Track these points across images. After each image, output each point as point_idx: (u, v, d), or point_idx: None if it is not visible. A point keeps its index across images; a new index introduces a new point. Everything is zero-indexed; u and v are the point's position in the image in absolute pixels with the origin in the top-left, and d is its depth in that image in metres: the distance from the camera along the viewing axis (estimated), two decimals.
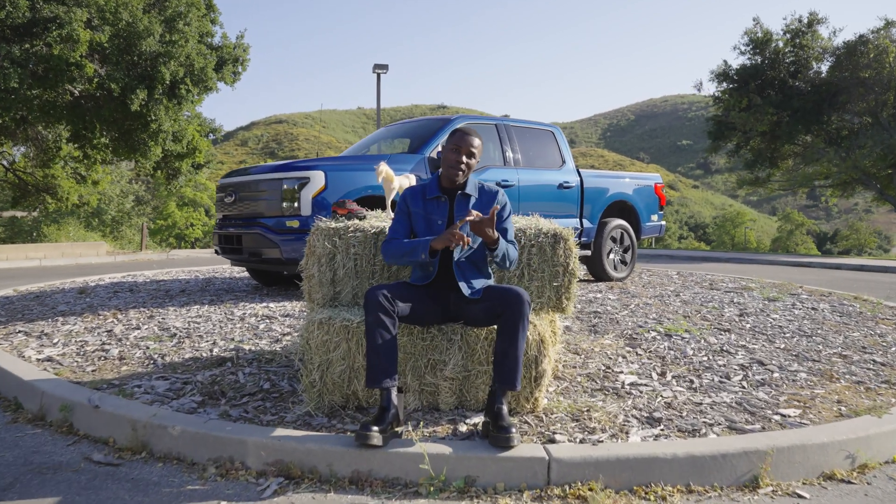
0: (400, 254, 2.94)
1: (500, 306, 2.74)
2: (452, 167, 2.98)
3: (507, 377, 2.71)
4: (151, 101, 15.18)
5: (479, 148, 3.01)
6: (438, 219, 3.03)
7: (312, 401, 3.01)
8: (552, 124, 7.74)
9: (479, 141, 3.01)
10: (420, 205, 3.07)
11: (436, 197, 3.06)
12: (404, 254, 2.92)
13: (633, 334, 4.64)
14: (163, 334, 4.50)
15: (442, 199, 3.06)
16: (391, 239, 3.03)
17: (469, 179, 3.09)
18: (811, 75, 23.28)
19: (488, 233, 2.77)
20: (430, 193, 3.07)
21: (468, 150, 2.97)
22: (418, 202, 3.07)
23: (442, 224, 3.02)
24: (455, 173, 2.98)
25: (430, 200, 3.07)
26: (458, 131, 3.01)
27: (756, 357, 4.14)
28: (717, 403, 3.26)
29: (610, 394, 3.35)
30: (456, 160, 2.96)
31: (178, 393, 3.25)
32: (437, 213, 3.04)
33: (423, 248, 2.84)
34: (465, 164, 2.97)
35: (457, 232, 2.73)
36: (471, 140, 2.98)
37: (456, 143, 2.97)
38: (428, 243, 2.83)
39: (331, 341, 2.99)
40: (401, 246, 2.94)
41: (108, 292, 6.67)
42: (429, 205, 3.07)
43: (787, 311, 5.79)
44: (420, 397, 3.02)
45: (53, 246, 17.48)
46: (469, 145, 2.97)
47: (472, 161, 3.00)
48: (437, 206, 3.06)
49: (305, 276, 3.30)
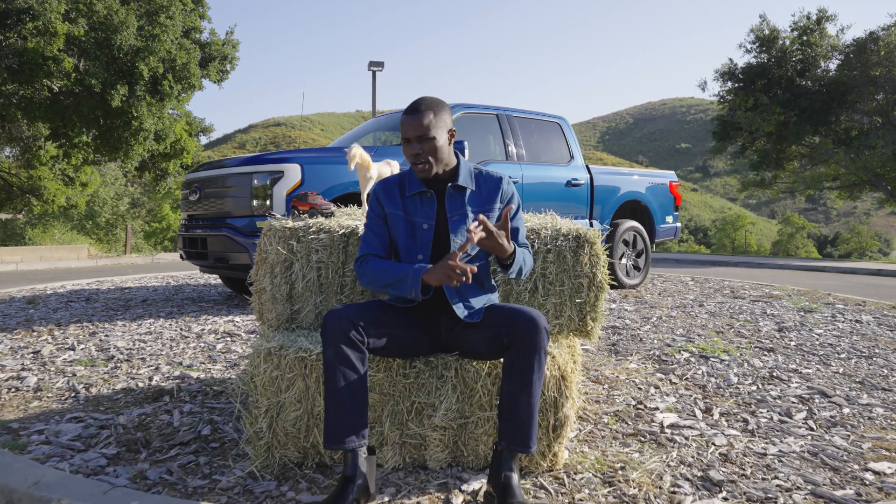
0: (380, 284, 2.17)
1: (509, 335, 1.98)
2: (415, 164, 2.18)
3: (518, 435, 1.96)
4: (133, 97, 14.43)
5: (433, 122, 2.14)
6: (423, 222, 2.23)
7: (258, 457, 2.27)
8: (559, 115, 7.00)
9: (430, 116, 2.14)
10: (398, 204, 2.27)
11: (418, 193, 2.26)
12: (385, 285, 2.15)
13: (662, 356, 3.90)
14: (98, 356, 3.75)
15: (427, 194, 2.25)
16: (366, 256, 2.25)
17: (461, 165, 2.27)
18: (819, 74, 22.55)
19: (503, 246, 2.04)
20: (410, 188, 2.26)
21: (418, 134, 2.13)
22: (395, 200, 2.27)
23: (428, 229, 2.22)
24: (421, 170, 2.18)
25: (410, 198, 2.27)
26: (404, 114, 2.18)
27: (814, 385, 3.40)
28: (785, 454, 2.52)
29: (648, 441, 2.60)
30: (411, 154, 2.17)
31: (89, 442, 2.51)
32: (422, 215, 2.24)
33: (411, 281, 2.08)
34: (423, 154, 2.15)
35: (457, 264, 1.96)
36: (416, 120, 2.13)
37: (404, 133, 2.17)
38: (419, 276, 2.07)
39: (282, 378, 2.24)
40: (380, 271, 2.16)
41: (60, 302, 5.92)
42: (410, 203, 2.26)
43: (830, 325, 5.05)
44: (401, 452, 2.28)
45: (31, 249, 16.67)
46: (416, 127, 2.12)
47: (433, 143, 2.14)
48: (420, 205, 2.25)
49: (255, 290, 2.56)
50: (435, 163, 2.18)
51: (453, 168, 2.27)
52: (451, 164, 2.27)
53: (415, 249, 2.22)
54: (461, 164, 2.28)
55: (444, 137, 2.18)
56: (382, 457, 2.26)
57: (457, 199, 2.26)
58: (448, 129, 2.21)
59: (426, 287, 2.09)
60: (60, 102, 15.03)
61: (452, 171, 2.27)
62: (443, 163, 2.21)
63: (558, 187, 6.58)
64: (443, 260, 2.02)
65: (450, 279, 1.98)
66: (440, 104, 2.20)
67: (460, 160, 2.29)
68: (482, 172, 2.34)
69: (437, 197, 2.27)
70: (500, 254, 2.07)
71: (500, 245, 2.04)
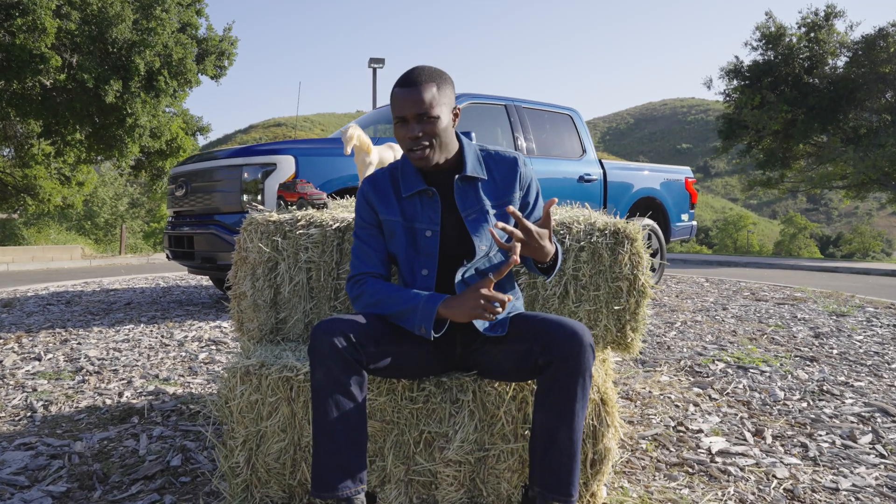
0: (381, 312, 1.72)
1: (545, 354, 1.57)
2: (411, 150, 1.71)
3: (556, 481, 1.56)
4: (127, 93, 14.05)
5: (435, 98, 1.68)
6: (426, 228, 1.78)
7: (234, 497, 1.87)
8: (570, 107, 6.61)
9: (432, 89, 1.68)
10: (393, 207, 1.81)
11: (417, 192, 1.81)
12: (389, 314, 1.71)
13: (695, 366, 3.51)
14: (66, 368, 3.35)
15: (428, 193, 1.80)
16: (361, 276, 1.82)
17: (466, 149, 1.81)
18: (827, 71, 22.14)
19: (543, 245, 1.64)
20: (407, 188, 1.80)
21: (417, 112, 1.67)
22: (390, 203, 1.82)
23: (432, 237, 1.78)
24: (420, 157, 1.71)
25: (407, 199, 1.82)
26: (395, 87, 1.71)
27: (871, 402, 3.00)
28: (861, 489, 2.13)
29: (697, 472, 2.21)
30: (408, 136, 1.69)
31: (36, 476, 2.11)
32: (424, 219, 1.79)
33: (422, 315, 1.64)
34: (423, 138, 1.69)
35: (493, 294, 1.57)
36: (414, 94, 1.66)
37: (396, 111, 1.70)
38: (432, 309, 1.63)
39: (263, 403, 1.85)
40: (380, 298, 1.72)
41: (38, 305, 5.52)
42: (407, 205, 1.81)
43: (869, 330, 4.66)
44: (407, 492, 1.88)
45: (23, 249, 16.28)
46: (414, 104, 1.66)
47: (435, 123, 1.68)
48: (420, 207, 1.80)
49: (233, 296, 2.16)
50: (437, 149, 1.72)
51: (456, 154, 1.81)
52: (454, 151, 1.80)
53: (418, 262, 1.79)
54: (465, 147, 1.82)
55: (448, 117, 1.73)
56: (384, 497, 1.87)
57: (469, 193, 1.80)
58: (452, 108, 1.75)
59: (440, 321, 1.67)
60: (52, 99, 14.65)
61: (456, 158, 1.81)
62: (446, 149, 1.75)
63: (570, 183, 6.18)
64: (471, 288, 1.60)
65: (483, 314, 1.57)
66: (442, 75, 1.73)
67: (463, 143, 1.83)
68: (490, 153, 1.87)
69: (439, 195, 1.81)
70: (542, 258, 1.67)
71: (542, 247, 1.64)
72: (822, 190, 24.88)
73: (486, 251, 1.77)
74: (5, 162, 20.57)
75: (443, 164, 1.78)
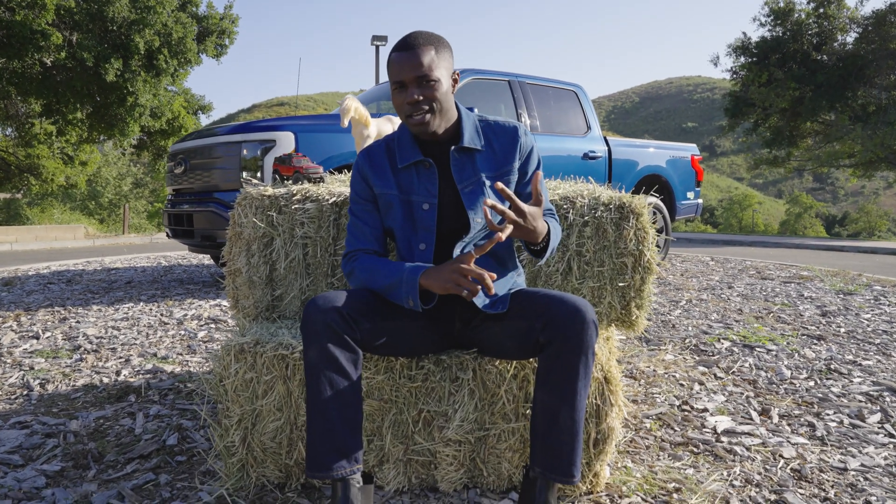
0: (373, 287, 1.69)
1: (546, 331, 1.52)
2: (409, 116, 1.65)
3: (558, 461, 1.52)
4: (128, 72, 13.93)
5: (434, 61, 1.63)
6: (423, 201, 1.73)
7: (230, 476, 1.84)
8: (575, 83, 6.50)
9: (431, 52, 1.62)
10: (389, 180, 1.76)
11: (414, 163, 1.75)
12: (379, 289, 1.67)
13: (700, 345, 3.46)
14: (64, 346, 3.32)
15: (425, 164, 1.74)
16: (355, 253, 1.78)
17: (464, 118, 1.76)
18: (836, 47, 21.82)
19: (536, 227, 1.56)
20: (403, 159, 1.74)
21: (416, 75, 1.61)
22: (385, 175, 1.76)
23: (430, 210, 1.72)
24: (419, 122, 1.64)
25: (404, 171, 1.76)
26: (392, 52, 1.65)
27: (880, 381, 2.95)
28: (869, 469, 2.08)
29: (702, 452, 2.17)
30: (406, 102, 1.63)
31: (30, 454, 2.08)
32: (421, 192, 1.73)
33: (406, 287, 1.60)
34: (423, 102, 1.63)
35: (472, 269, 1.50)
36: (413, 57, 1.61)
37: (394, 76, 1.64)
38: (415, 279, 1.59)
39: (258, 381, 1.81)
40: (371, 273, 1.68)
41: (38, 284, 5.49)
42: (404, 178, 1.75)
43: (876, 309, 4.60)
44: (406, 472, 1.84)
45: (27, 229, 16.28)
46: (413, 67, 1.61)
47: (435, 87, 1.62)
48: (417, 179, 1.74)
49: (228, 273, 2.11)
50: (437, 114, 1.66)
51: (455, 124, 1.75)
52: (453, 119, 1.73)
53: (415, 237, 1.74)
54: (463, 117, 1.76)
55: (448, 82, 1.67)
56: (383, 477, 1.83)
57: (466, 164, 1.74)
58: (451, 72, 1.70)
59: (427, 293, 1.63)
60: (53, 77, 14.54)
61: (454, 128, 1.74)
62: (445, 116, 1.69)
63: (575, 160, 6.10)
64: (452, 262, 1.54)
65: (459, 288, 1.51)
66: (440, 39, 1.67)
67: (462, 113, 1.77)
68: (490, 123, 1.80)
69: (436, 166, 1.75)
70: (533, 239, 1.60)
71: (533, 229, 1.56)
72: (829, 169, 24.66)
73: (482, 224, 1.71)
74: (8, 141, 20.52)
75: (441, 133, 1.71)
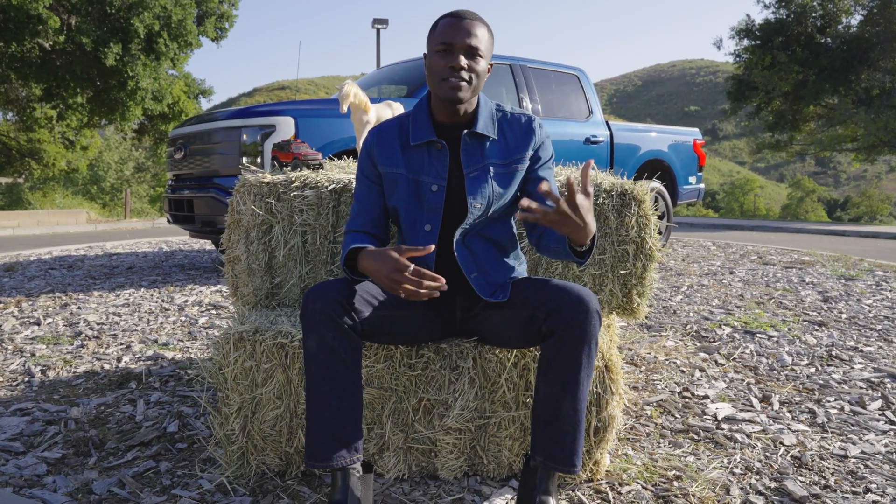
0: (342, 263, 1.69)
1: (549, 321, 1.50)
2: (446, 79, 1.60)
3: (559, 451, 1.51)
4: (127, 56, 13.84)
5: (486, 39, 1.64)
6: (432, 182, 1.69)
7: (230, 464, 1.84)
8: (577, 66, 6.45)
9: (485, 30, 1.64)
10: (397, 158, 1.72)
11: (426, 143, 1.71)
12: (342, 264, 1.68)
13: (701, 331, 3.46)
14: (65, 332, 3.32)
15: (437, 145, 1.70)
16: (346, 233, 1.78)
17: (481, 106, 1.73)
18: (840, 30, 21.64)
19: (588, 222, 1.41)
20: (416, 137, 1.71)
21: (467, 45, 1.59)
22: (393, 154, 1.72)
23: (438, 192, 1.68)
24: (454, 87, 1.59)
25: (415, 149, 1.72)
26: (444, 18, 1.64)
27: (881, 367, 2.95)
28: (870, 456, 2.08)
29: (703, 440, 2.17)
30: (448, 66, 1.59)
31: (31, 442, 2.08)
32: (431, 173, 1.70)
33: (343, 259, 1.64)
34: (466, 71, 1.60)
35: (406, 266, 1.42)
36: (469, 26, 1.60)
37: (443, 38, 1.60)
38: (351, 245, 1.61)
39: (258, 369, 1.80)
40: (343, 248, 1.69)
41: (40, 269, 5.49)
42: (414, 157, 1.71)
43: (878, 295, 4.59)
44: (406, 460, 1.84)
45: (29, 214, 16.26)
46: (467, 34, 1.59)
47: (480, 63, 1.62)
48: (428, 159, 1.70)
49: (227, 260, 2.10)
50: (472, 89, 1.63)
51: (473, 110, 1.73)
52: (473, 105, 1.72)
53: (421, 217, 1.71)
54: (481, 104, 1.74)
55: (486, 66, 1.66)
56: (383, 465, 1.83)
57: (475, 149, 1.71)
58: (489, 60, 1.69)
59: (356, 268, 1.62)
60: (52, 62, 14.46)
61: (472, 114, 1.73)
62: (475, 94, 1.68)
63: (576, 145, 6.06)
64: (393, 260, 1.45)
65: (393, 288, 1.45)
66: (489, 26, 1.68)
67: (480, 100, 1.75)
68: (506, 114, 1.78)
69: (448, 148, 1.72)
70: (581, 237, 1.45)
71: (585, 225, 1.41)
72: (832, 153, 24.54)
73: (481, 209, 1.69)
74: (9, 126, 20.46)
75: (461, 115, 1.70)
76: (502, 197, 1.72)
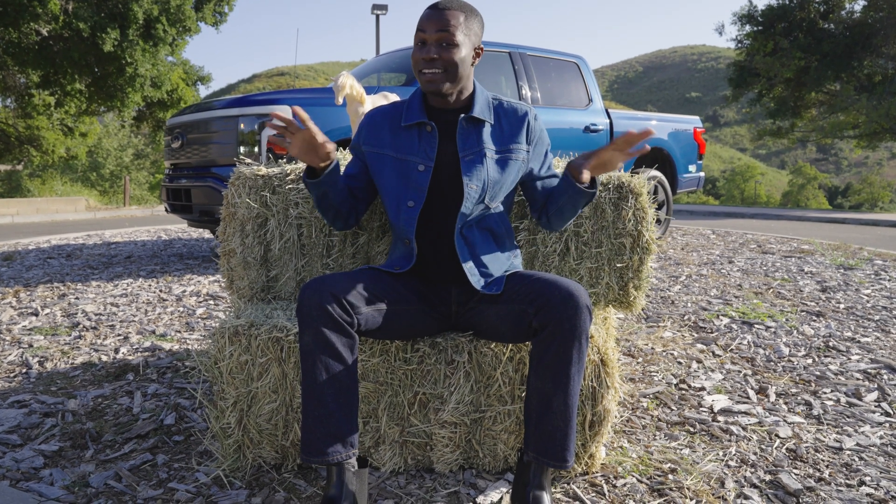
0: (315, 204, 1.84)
1: (539, 316, 1.51)
2: (422, 71, 1.66)
3: (551, 446, 1.52)
4: (125, 42, 13.76)
5: (461, 25, 1.64)
6: (419, 163, 1.73)
7: (227, 458, 1.85)
8: (577, 54, 6.41)
9: (460, 17, 1.64)
10: (384, 139, 1.78)
11: (416, 124, 1.76)
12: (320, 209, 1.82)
13: (699, 322, 3.46)
14: (63, 323, 3.32)
15: (427, 127, 1.75)
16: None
17: (477, 92, 1.77)
18: (843, 16, 21.50)
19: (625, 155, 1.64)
20: (408, 118, 1.76)
21: (440, 31, 1.62)
22: (380, 135, 1.78)
23: (425, 172, 1.72)
24: (430, 80, 1.65)
25: (406, 130, 1.77)
26: (426, 9, 1.70)
27: (878, 358, 2.95)
28: (865, 448, 2.09)
29: (698, 432, 2.17)
30: (422, 58, 1.65)
31: (28, 434, 2.09)
32: (419, 153, 1.74)
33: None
34: (440, 61, 1.63)
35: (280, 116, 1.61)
36: (440, 15, 1.63)
37: (419, 29, 1.66)
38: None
39: (253, 363, 1.80)
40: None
41: (38, 259, 5.49)
42: (403, 138, 1.76)
43: (877, 284, 4.59)
44: (402, 453, 1.85)
45: (28, 201, 16.25)
46: (438, 23, 1.62)
47: (454, 52, 1.63)
48: (417, 141, 1.75)
49: (223, 253, 2.10)
50: (450, 79, 1.66)
51: (468, 97, 1.77)
52: (467, 92, 1.77)
53: (405, 194, 1.74)
54: (477, 92, 1.78)
55: (469, 51, 1.68)
56: (379, 458, 1.84)
57: (472, 134, 1.75)
58: (475, 45, 1.72)
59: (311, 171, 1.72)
60: (50, 48, 14.37)
61: (467, 100, 1.77)
62: (459, 84, 1.71)
63: (576, 133, 6.04)
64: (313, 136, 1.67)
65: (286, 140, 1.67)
66: (473, 10, 1.71)
67: (477, 88, 1.79)
68: (502, 103, 1.83)
69: (438, 131, 1.76)
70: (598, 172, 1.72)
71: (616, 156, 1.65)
72: (833, 140, 24.46)
73: (477, 191, 1.71)
74: (7, 112, 20.38)
75: (452, 102, 1.75)
76: (498, 182, 1.76)
